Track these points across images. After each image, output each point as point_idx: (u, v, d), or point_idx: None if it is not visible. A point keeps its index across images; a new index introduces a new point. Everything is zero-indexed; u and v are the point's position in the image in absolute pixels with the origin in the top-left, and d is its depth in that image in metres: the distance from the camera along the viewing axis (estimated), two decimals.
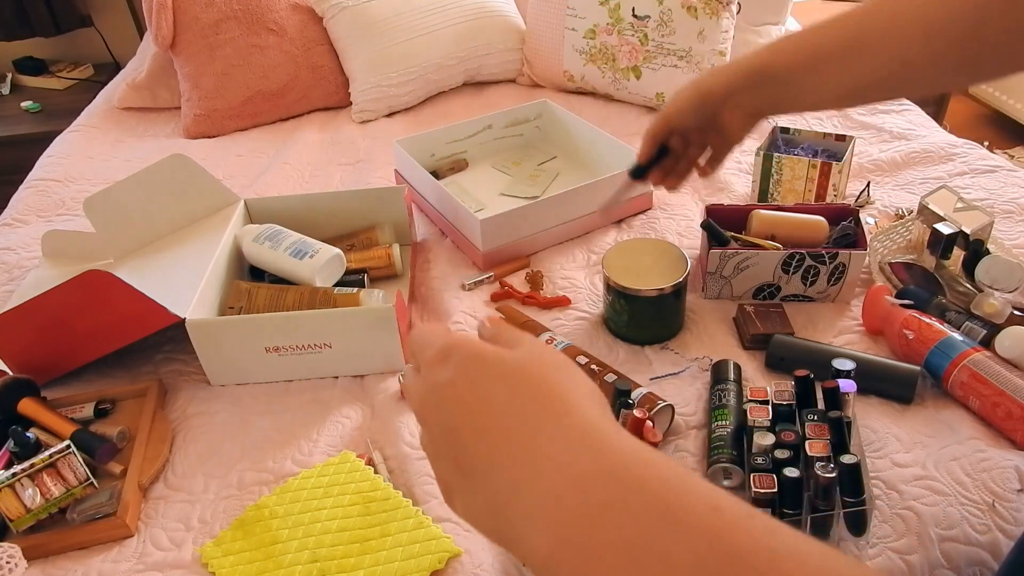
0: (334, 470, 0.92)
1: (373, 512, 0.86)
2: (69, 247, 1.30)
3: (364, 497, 0.88)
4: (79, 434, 0.95)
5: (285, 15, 1.83)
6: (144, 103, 1.93)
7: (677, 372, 1.04)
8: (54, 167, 1.68)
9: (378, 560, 0.81)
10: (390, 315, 1.02)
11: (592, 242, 1.31)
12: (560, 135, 1.59)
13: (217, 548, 0.85)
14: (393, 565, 0.80)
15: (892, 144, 1.54)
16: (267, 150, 1.73)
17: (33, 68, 2.47)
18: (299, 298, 1.12)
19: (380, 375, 1.07)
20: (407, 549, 0.81)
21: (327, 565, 0.81)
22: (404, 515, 0.85)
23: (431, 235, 1.37)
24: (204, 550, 0.85)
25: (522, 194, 1.44)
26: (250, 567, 0.82)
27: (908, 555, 0.80)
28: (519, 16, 1.94)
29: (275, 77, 1.81)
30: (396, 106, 1.84)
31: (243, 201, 1.29)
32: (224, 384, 1.08)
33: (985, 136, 2.86)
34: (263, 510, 0.88)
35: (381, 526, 0.84)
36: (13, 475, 0.85)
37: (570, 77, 1.83)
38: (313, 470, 0.92)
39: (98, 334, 1.04)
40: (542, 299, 1.16)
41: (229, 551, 0.84)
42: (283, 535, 0.84)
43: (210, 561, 0.83)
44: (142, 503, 0.92)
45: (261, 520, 0.87)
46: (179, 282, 1.10)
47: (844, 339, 1.07)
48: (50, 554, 0.86)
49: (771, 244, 1.13)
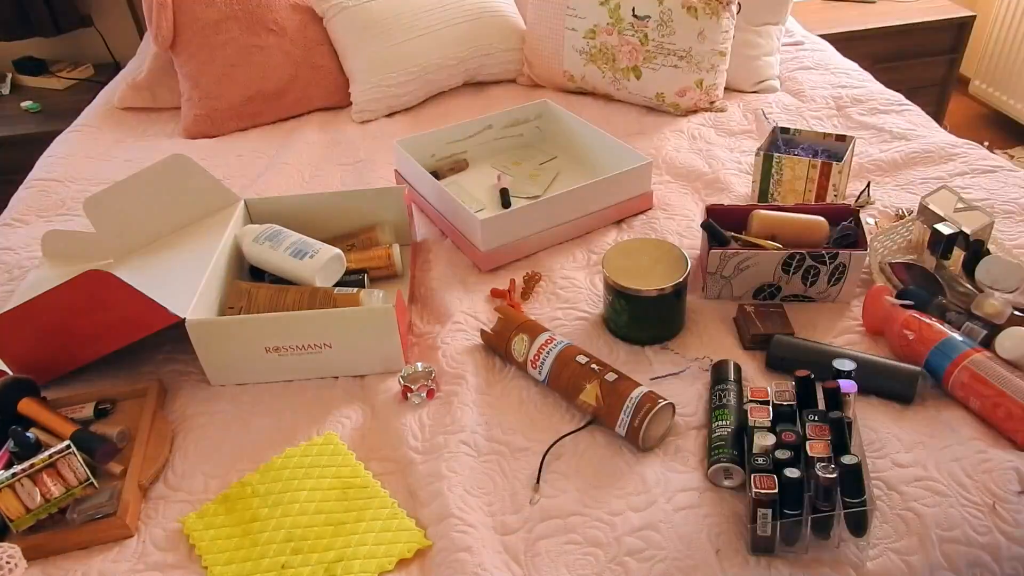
0: (317, 451, 0.95)
1: (351, 498, 0.89)
2: (69, 247, 1.30)
3: (343, 482, 0.91)
4: (79, 434, 0.95)
5: (285, 15, 1.83)
6: (144, 103, 1.93)
7: (677, 372, 1.04)
8: (54, 167, 1.68)
9: (349, 543, 0.84)
10: (390, 315, 1.02)
11: (592, 242, 1.31)
12: (560, 135, 1.59)
13: (199, 520, 0.88)
14: (364, 548, 0.83)
15: (892, 144, 1.54)
16: (267, 150, 1.73)
17: (33, 68, 2.47)
18: (299, 298, 1.12)
19: (380, 375, 1.07)
20: (379, 536, 0.85)
21: (300, 544, 0.84)
22: (380, 504, 0.88)
23: (431, 235, 1.37)
24: (187, 520, 0.88)
25: (522, 194, 1.44)
26: (228, 542, 0.85)
27: (909, 556, 0.80)
28: (519, 16, 1.94)
29: (275, 77, 1.81)
30: (396, 106, 1.84)
31: (243, 201, 1.29)
32: (224, 384, 1.08)
33: (985, 136, 2.86)
34: (246, 487, 0.91)
35: (357, 512, 0.88)
36: (13, 475, 0.85)
37: (570, 77, 1.83)
38: (297, 449, 0.95)
39: (98, 334, 1.04)
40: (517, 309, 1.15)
41: (211, 524, 0.87)
42: (262, 513, 0.88)
43: (192, 533, 0.86)
44: (142, 503, 0.92)
45: (243, 497, 0.90)
46: (179, 282, 1.10)
47: (844, 339, 1.07)
48: (50, 554, 0.86)
49: (771, 244, 1.13)
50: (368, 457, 0.96)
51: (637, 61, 1.71)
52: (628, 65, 1.73)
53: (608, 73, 1.76)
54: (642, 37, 1.69)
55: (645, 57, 1.70)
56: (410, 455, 0.94)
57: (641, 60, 1.71)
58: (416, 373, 1.03)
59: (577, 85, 1.85)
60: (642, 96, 1.75)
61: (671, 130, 1.67)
